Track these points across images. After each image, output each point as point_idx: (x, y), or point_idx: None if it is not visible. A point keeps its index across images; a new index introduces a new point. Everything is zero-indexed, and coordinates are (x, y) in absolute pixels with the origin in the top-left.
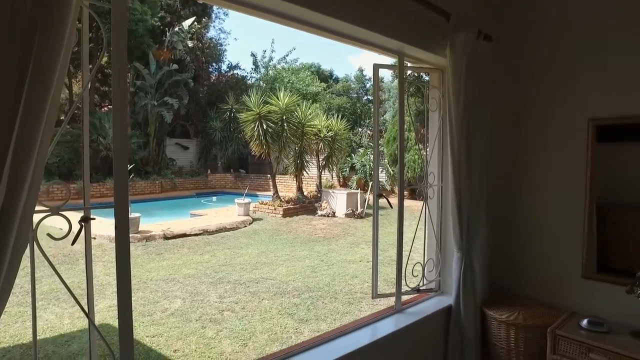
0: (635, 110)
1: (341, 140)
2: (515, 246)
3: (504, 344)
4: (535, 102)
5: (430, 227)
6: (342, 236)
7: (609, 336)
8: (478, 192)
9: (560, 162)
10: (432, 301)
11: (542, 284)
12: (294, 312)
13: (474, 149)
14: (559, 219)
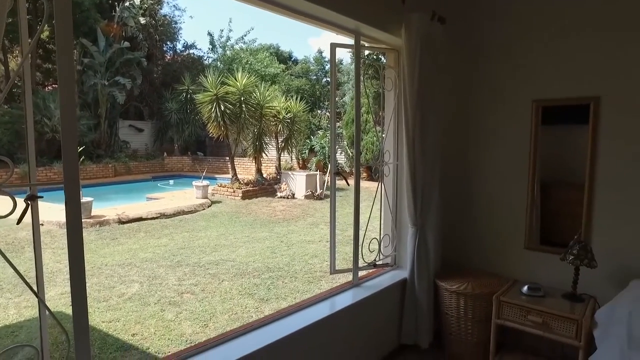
0: (572, 93)
1: (300, 122)
2: (465, 221)
3: (454, 312)
4: (484, 84)
5: (386, 204)
6: (302, 217)
7: (545, 299)
8: (431, 169)
9: (507, 141)
10: (388, 275)
11: (489, 256)
12: (254, 292)
13: (427, 127)
14: (505, 196)
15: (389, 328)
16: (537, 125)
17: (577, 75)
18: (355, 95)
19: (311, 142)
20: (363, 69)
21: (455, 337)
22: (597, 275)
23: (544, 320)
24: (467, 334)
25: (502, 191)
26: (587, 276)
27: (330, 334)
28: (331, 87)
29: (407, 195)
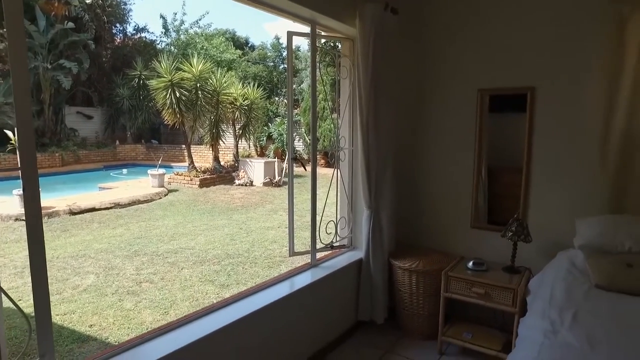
0: (512, 83)
1: (258, 109)
2: (417, 203)
3: (407, 289)
4: (435, 73)
5: (342, 188)
6: (261, 204)
7: (487, 273)
8: (385, 154)
9: (456, 128)
10: (345, 256)
11: (439, 236)
12: (214, 278)
13: (380, 113)
14: (453, 180)
15: (347, 306)
16: (482, 113)
17: (516, 67)
18: (311, 83)
19: (269, 129)
20: (320, 56)
21: (408, 311)
22: (532, 249)
23: (486, 291)
24: (419, 308)
25: (451, 176)
26: (524, 250)
27: (291, 311)
28: (288, 74)
29: (362, 179)
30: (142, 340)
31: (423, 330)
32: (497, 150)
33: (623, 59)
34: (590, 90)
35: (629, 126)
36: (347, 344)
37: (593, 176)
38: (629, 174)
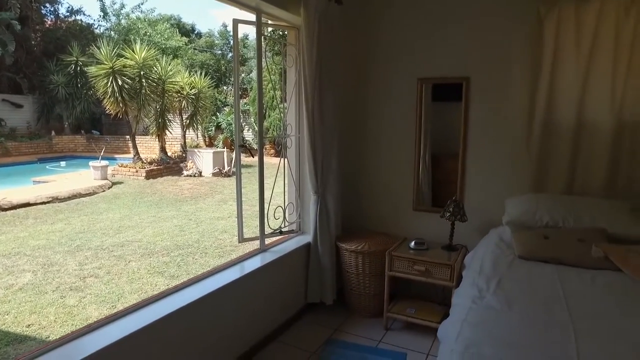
0: (449, 73)
1: (205, 98)
2: (362, 188)
3: (354, 270)
4: (378, 62)
5: (289, 174)
6: (210, 195)
7: (427, 251)
8: (330, 140)
9: (398, 115)
10: (293, 240)
11: (384, 219)
12: (164, 270)
13: (325, 101)
14: (397, 165)
15: (296, 288)
16: (421, 101)
17: (452, 57)
18: (257, 72)
19: (217, 119)
20: (268, 45)
21: (355, 291)
22: (468, 228)
23: (426, 268)
24: (366, 287)
25: (394, 162)
26: (461, 229)
27: (242, 295)
28: (234, 63)
29: (308, 165)
30: (84, 332)
31: (370, 308)
32: (441, 137)
33: (542, 54)
34: (516, 82)
35: (548, 115)
36: (298, 325)
37: (520, 160)
38: (549, 157)
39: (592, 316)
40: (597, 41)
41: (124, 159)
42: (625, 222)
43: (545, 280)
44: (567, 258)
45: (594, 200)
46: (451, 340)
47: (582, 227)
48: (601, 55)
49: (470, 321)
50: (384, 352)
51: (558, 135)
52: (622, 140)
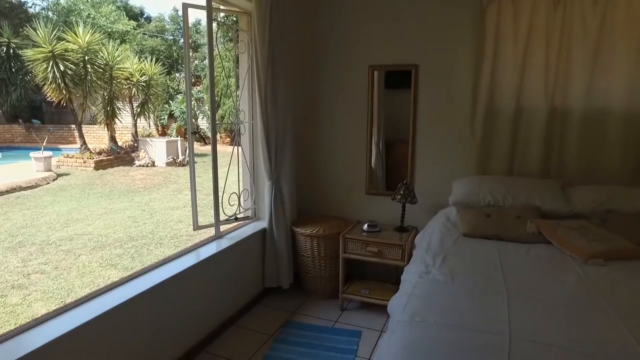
0: (399, 61)
1: (157, 85)
2: (317, 174)
3: (309, 253)
4: (330, 49)
5: (243, 160)
6: (164, 185)
7: (380, 233)
8: (283, 126)
9: (350, 102)
10: (249, 226)
11: (338, 203)
12: (117, 262)
13: (278, 87)
14: (350, 150)
15: (253, 274)
16: (373, 88)
17: (402, 45)
18: (208, 58)
19: (170, 107)
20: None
21: (311, 274)
22: (418, 210)
23: (379, 249)
24: (321, 270)
25: (348, 147)
26: (412, 211)
27: (198, 282)
28: (185, 48)
29: (262, 151)
30: (30, 327)
31: (326, 290)
32: (395, 124)
33: (484, 43)
34: (461, 69)
35: (490, 101)
36: (256, 310)
37: (465, 144)
38: (491, 141)
39: (523, 283)
40: (532, 32)
41: (69, 150)
42: (555, 199)
43: (486, 255)
44: (505, 234)
45: (530, 180)
46: (398, 312)
47: (519, 205)
48: (535, 45)
49: (416, 294)
50: (340, 331)
51: (499, 120)
52: (554, 125)
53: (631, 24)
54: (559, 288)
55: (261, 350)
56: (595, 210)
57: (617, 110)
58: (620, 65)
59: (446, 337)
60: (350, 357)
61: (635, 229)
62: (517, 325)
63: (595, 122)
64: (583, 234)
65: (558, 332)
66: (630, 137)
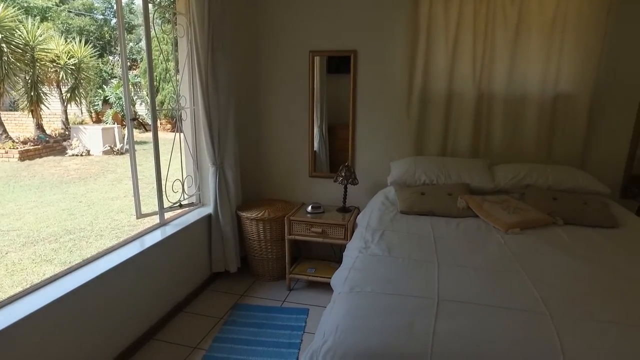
0: (339, 46)
1: (88, 69)
2: (261, 158)
3: (255, 237)
4: (271, 34)
5: (186, 146)
6: (102, 174)
7: (324, 214)
8: (225, 110)
9: (294, 87)
10: (194, 213)
11: (282, 186)
12: (53, 257)
13: (219, 71)
14: (293, 135)
15: (200, 259)
16: (314, 73)
17: (342, 30)
18: (145, 40)
19: (105, 92)
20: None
21: (258, 257)
22: (360, 190)
23: (323, 229)
24: (268, 252)
25: (291, 131)
26: (353, 192)
27: (143, 270)
28: (119, 30)
29: (205, 136)
30: None
31: (273, 272)
32: (337, 108)
33: (418, 30)
34: (397, 55)
35: (425, 86)
36: (204, 295)
37: (402, 127)
38: (426, 124)
39: (452, 253)
40: (461, 21)
41: None
42: (482, 177)
43: (420, 230)
44: (438, 210)
45: (460, 160)
46: (340, 285)
47: (451, 183)
48: (464, 33)
49: (356, 268)
50: (288, 310)
51: (433, 104)
52: (482, 108)
53: (543, 15)
54: (483, 255)
55: (211, 333)
56: (516, 186)
57: (533, 94)
58: (535, 54)
59: (382, 302)
60: (299, 333)
61: (547, 201)
62: (445, 289)
63: (515, 105)
64: (505, 207)
65: (478, 292)
66: (543, 120)
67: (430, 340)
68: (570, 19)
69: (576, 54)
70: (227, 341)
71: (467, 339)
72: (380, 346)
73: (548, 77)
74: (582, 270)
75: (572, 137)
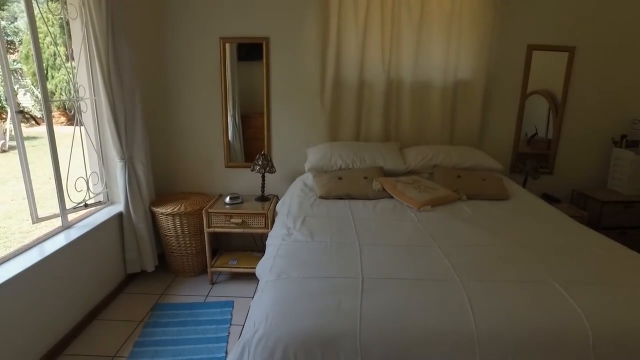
0: (250, 33)
1: None
2: (174, 150)
3: (172, 232)
4: (179, 20)
5: (88, 140)
6: None
7: (243, 204)
8: (131, 100)
9: (205, 74)
10: (102, 212)
11: (198, 179)
12: None
13: (122, 58)
14: (205, 125)
15: (113, 261)
16: (225, 60)
17: (253, 17)
18: (28, 19)
19: None
20: None
21: (177, 254)
22: (278, 179)
23: (243, 220)
24: (187, 248)
25: (204, 121)
26: (271, 180)
27: (46, 280)
28: None
29: (110, 128)
30: None
31: (194, 267)
32: (250, 97)
33: (329, 18)
34: (310, 43)
35: (337, 73)
36: (120, 299)
37: (317, 113)
38: (339, 110)
39: (371, 233)
40: (369, 12)
41: None
42: (395, 159)
43: (340, 213)
44: (356, 193)
45: (374, 144)
46: (266, 273)
47: (366, 167)
48: (373, 24)
49: (281, 255)
50: (212, 305)
51: (346, 91)
52: (391, 95)
53: (442, 7)
54: (399, 233)
55: (131, 338)
56: (425, 166)
57: (437, 81)
58: (437, 44)
59: (310, 286)
60: (226, 327)
61: (452, 179)
62: (368, 268)
63: (421, 92)
64: (416, 187)
65: (399, 267)
66: (446, 105)
67: (358, 317)
68: (465, 12)
69: (471, 45)
70: (150, 344)
71: (392, 311)
72: (312, 328)
73: (449, 66)
74: (483, 239)
75: (470, 120)
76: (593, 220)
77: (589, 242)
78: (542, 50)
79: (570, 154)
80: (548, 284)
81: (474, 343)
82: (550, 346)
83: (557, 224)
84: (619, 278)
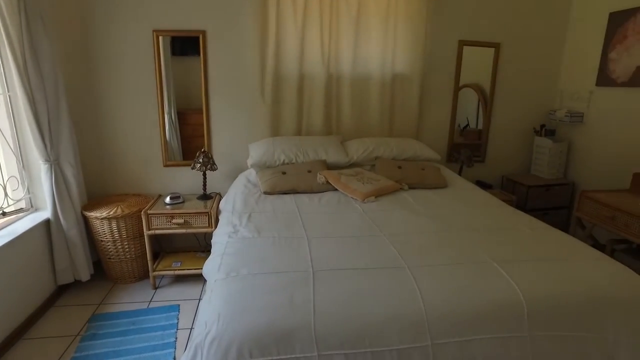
0: (186, 26)
1: None
2: (107, 149)
3: (109, 237)
4: (107, 11)
5: (4, 142)
6: None
7: (184, 204)
8: (55, 97)
9: (138, 69)
10: (25, 220)
11: (134, 179)
12: None
13: (41, 50)
14: (140, 123)
15: (40, 273)
16: (160, 54)
17: (189, 10)
18: None
19: None
20: None
21: (114, 259)
22: (220, 176)
23: (185, 220)
24: (126, 253)
25: (138, 119)
26: (213, 178)
27: None
28: None
29: (31, 128)
30: None
31: (134, 272)
32: (187, 93)
33: (267, 13)
34: (249, 37)
35: (277, 68)
36: (50, 314)
37: (257, 108)
38: (280, 105)
39: (319, 226)
40: (307, 6)
41: None
42: (337, 152)
43: (286, 208)
44: (300, 187)
45: (316, 138)
46: (214, 272)
47: (309, 161)
48: (312, 17)
49: (228, 253)
50: (156, 310)
51: (286, 85)
52: (332, 89)
53: (378, 3)
54: (346, 225)
55: (66, 355)
56: (367, 158)
57: (375, 75)
58: (375, 38)
59: (260, 283)
60: (172, 332)
61: (394, 170)
62: (317, 260)
63: (361, 85)
64: (359, 179)
65: (348, 258)
66: (385, 98)
67: (311, 309)
68: (401, 8)
69: (407, 39)
70: (88, 359)
71: (344, 300)
72: (265, 325)
73: (386, 59)
74: (426, 225)
75: (408, 113)
76: (521, 203)
77: (519, 224)
78: (472, 46)
79: (499, 143)
80: (487, 263)
81: (424, 322)
82: (491, 318)
83: (491, 208)
84: (547, 254)
